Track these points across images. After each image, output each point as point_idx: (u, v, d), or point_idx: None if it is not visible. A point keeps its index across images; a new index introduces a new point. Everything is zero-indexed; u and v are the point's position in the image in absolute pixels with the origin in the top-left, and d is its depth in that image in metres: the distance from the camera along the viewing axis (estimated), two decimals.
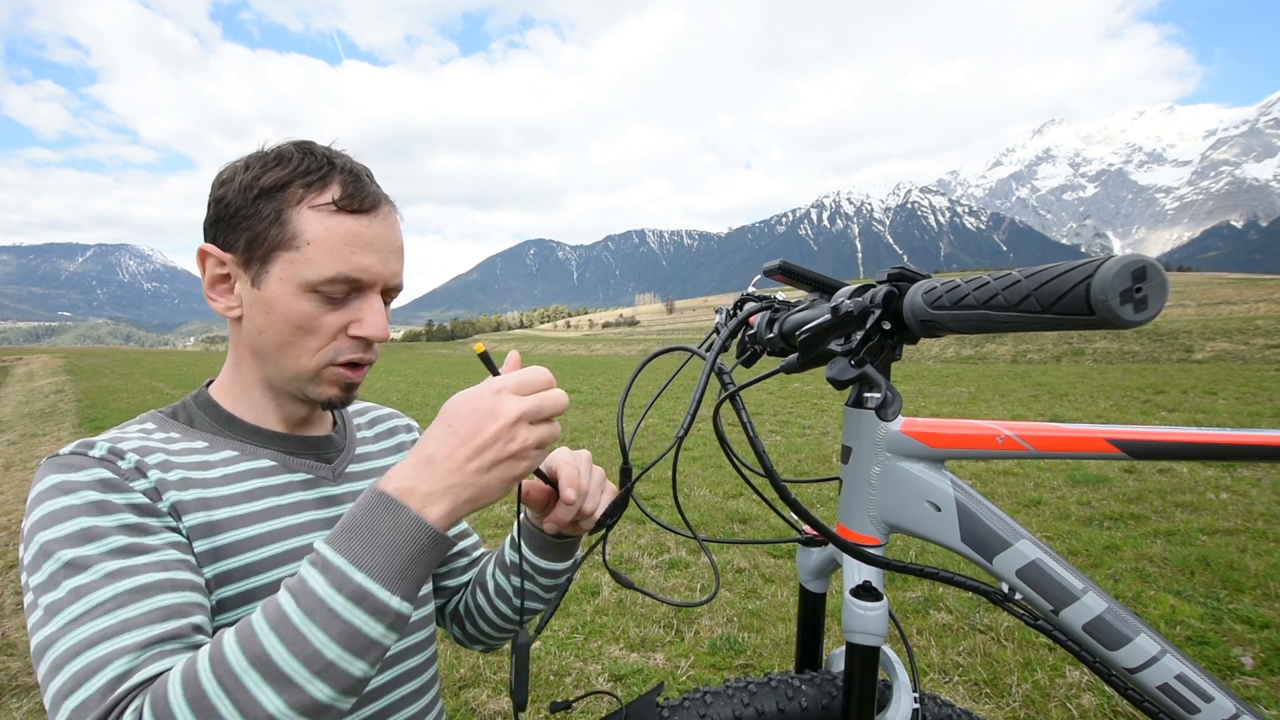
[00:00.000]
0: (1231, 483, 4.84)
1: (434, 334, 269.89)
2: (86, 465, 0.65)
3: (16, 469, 7.05)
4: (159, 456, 0.71)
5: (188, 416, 0.79)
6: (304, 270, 0.72)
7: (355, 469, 0.87)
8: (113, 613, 0.57)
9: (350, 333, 0.75)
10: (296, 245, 0.72)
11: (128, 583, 0.59)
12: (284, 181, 0.72)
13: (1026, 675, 2.47)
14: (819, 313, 0.67)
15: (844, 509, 0.72)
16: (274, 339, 0.74)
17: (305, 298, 0.72)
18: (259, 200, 0.72)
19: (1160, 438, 0.65)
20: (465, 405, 0.60)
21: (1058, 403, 9.48)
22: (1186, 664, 0.65)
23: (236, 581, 0.70)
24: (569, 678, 2.60)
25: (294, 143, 0.77)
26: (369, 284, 0.75)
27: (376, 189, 0.77)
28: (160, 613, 0.58)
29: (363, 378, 0.80)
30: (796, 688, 0.78)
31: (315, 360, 0.75)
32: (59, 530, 0.61)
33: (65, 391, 16.49)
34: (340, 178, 0.74)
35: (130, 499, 0.65)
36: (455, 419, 0.60)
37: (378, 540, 0.55)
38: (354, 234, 0.73)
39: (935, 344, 22.21)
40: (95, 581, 0.58)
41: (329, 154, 0.76)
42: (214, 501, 0.71)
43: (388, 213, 0.77)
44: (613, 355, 39.03)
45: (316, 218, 0.72)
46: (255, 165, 0.74)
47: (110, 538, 0.61)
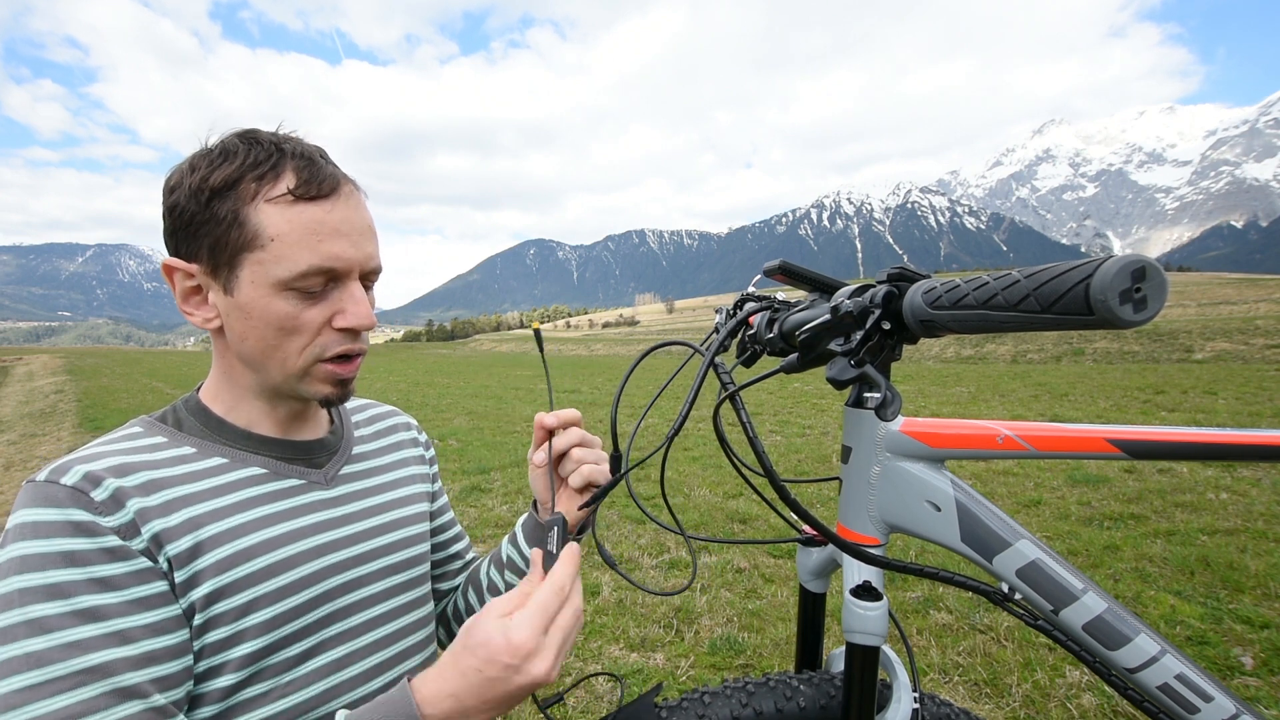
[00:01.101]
0: (1231, 483, 4.84)
1: (434, 334, 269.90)
2: (60, 500, 0.63)
3: (16, 469, 7.05)
4: (142, 476, 0.68)
5: (176, 420, 0.77)
6: (273, 269, 0.68)
7: (350, 470, 0.86)
8: (69, 693, 0.57)
9: (335, 325, 0.73)
10: (260, 244, 0.68)
11: (85, 660, 0.59)
12: (234, 178, 0.68)
13: (1026, 675, 2.46)
14: (819, 313, 0.67)
15: (844, 509, 0.72)
16: (257, 344, 0.72)
17: (281, 297, 0.69)
18: (212, 202, 0.68)
19: (1160, 438, 0.65)
20: (502, 659, 0.59)
21: (1058, 403, 9.48)
22: (1186, 664, 0.65)
23: (232, 596, 0.69)
24: (569, 678, 2.60)
25: (237, 133, 0.72)
26: (344, 271, 0.72)
27: (334, 169, 0.73)
28: (116, 695, 0.59)
29: (355, 371, 0.78)
30: (795, 688, 0.78)
31: (303, 359, 0.73)
32: (27, 580, 0.60)
33: (65, 391, 16.49)
34: (292, 164, 0.70)
35: (102, 543, 0.63)
36: (490, 669, 0.59)
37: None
38: (318, 221, 0.69)
39: (935, 344, 22.21)
40: (53, 651, 0.58)
41: (276, 140, 0.72)
42: (203, 518, 0.69)
43: (349, 192, 0.73)
44: (613, 355, 39.02)
45: (275, 211, 0.68)
46: (201, 165, 0.69)
47: (76, 597, 0.60)
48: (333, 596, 0.77)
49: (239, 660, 0.69)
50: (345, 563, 0.79)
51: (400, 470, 0.92)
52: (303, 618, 0.74)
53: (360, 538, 0.81)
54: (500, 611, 0.61)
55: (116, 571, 0.63)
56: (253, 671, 0.70)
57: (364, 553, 0.81)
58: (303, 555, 0.75)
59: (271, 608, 0.71)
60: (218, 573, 0.68)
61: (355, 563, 0.80)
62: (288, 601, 0.72)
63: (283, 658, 0.72)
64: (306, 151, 0.72)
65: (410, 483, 0.93)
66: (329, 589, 0.77)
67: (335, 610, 0.77)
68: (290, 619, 0.73)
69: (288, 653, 0.73)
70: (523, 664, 0.59)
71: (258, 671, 0.71)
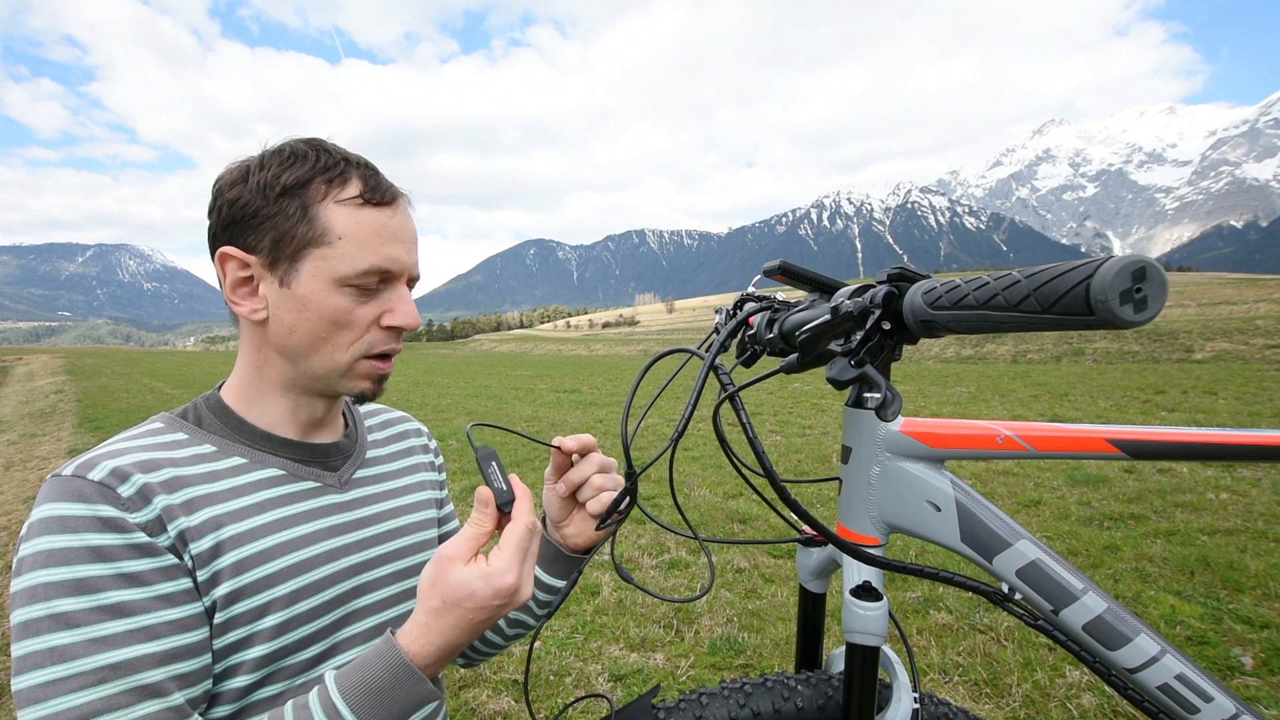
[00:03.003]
0: (1231, 483, 4.84)
1: (434, 334, 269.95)
2: (88, 495, 0.64)
3: (16, 469, 7.05)
4: (166, 473, 0.69)
5: (197, 418, 0.78)
6: (337, 265, 0.72)
7: (364, 474, 0.87)
8: (93, 689, 0.58)
9: (383, 323, 0.77)
10: (328, 241, 0.72)
11: (109, 656, 0.59)
12: (305, 179, 0.72)
13: (1026, 675, 2.47)
14: (819, 313, 0.67)
15: (844, 509, 0.72)
16: (307, 336, 0.74)
17: (340, 292, 0.73)
18: (282, 199, 0.72)
19: (1160, 438, 0.65)
20: (487, 589, 0.63)
21: (1058, 403, 9.48)
22: (1186, 664, 0.65)
23: (249, 597, 0.69)
24: (569, 678, 2.60)
25: (303, 140, 0.77)
26: (397, 274, 0.76)
27: (391, 182, 0.79)
28: (138, 693, 0.60)
29: (392, 369, 0.81)
30: (792, 688, 0.78)
31: (350, 354, 0.76)
32: (54, 574, 0.60)
33: (65, 391, 16.49)
34: (359, 172, 0.75)
35: (130, 540, 0.63)
36: (472, 601, 0.63)
37: (391, 707, 0.61)
38: (381, 226, 0.74)
39: (935, 344, 22.22)
40: (78, 646, 0.58)
41: (340, 150, 0.77)
42: (224, 519, 0.70)
43: (404, 204, 0.79)
44: (613, 355, 39.04)
45: (344, 212, 0.73)
46: (272, 163, 0.73)
47: (104, 593, 0.61)
48: (346, 600, 0.78)
49: (254, 661, 0.70)
50: (359, 566, 0.80)
51: (411, 476, 0.93)
52: (317, 620, 0.75)
53: (373, 542, 0.82)
54: (461, 557, 0.64)
55: (144, 567, 0.63)
56: (268, 672, 0.71)
57: (376, 556, 0.82)
58: (319, 558, 0.76)
59: (287, 610, 0.72)
60: (236, 573, 0.69)
61: (368, 566, 0.81)
62: (303, 604, 0.73)
63: (297, 660, 0.73)
64: (368, 163, 0.77)
65: (421, 489, 0.94)
66: (343, 592, 0.77)
67: (349, 613, 0.78)
68: (305, 621, 0.73)
69: (302, 655, 0.74)
70: (510, 599, 0.64)
71: (272, 673, 0.71)
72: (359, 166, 0.76)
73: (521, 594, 0.65)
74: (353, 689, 0.61)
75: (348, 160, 0.75)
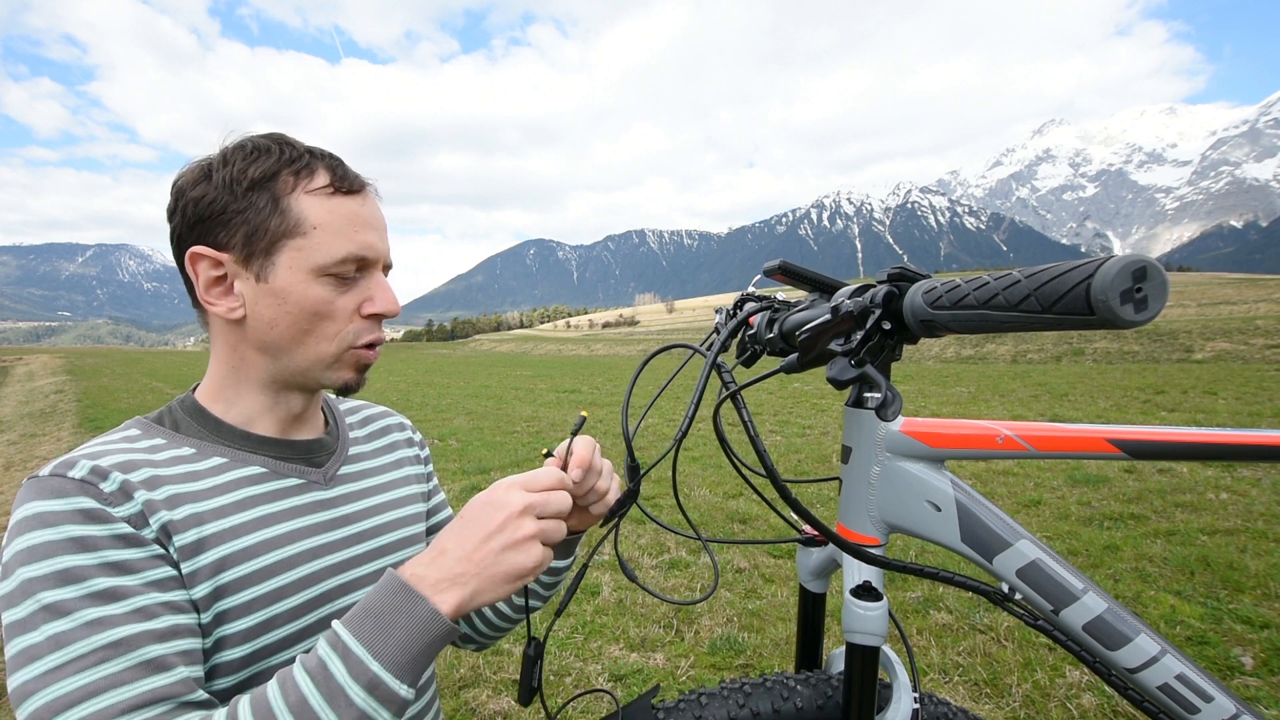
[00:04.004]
0: (1231, 483, 4.84)
1: (434, 334, 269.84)
2: (67, 491, 0.62)
3: (16, 469, 7.05)
4: (145, 472, 0.68)
5: (173, 421, 0.77)
6: (314, 255, 0.72)
7: (348, 470, 0.86)
8: (94, 669, 0.56)
9: (364, 312, 0.77)
10: (302, 231, 0.72)
11: (108, 635, 0.58)
12: (273, 171, 0.72)
13: (1026, 675, 2.46)
14: (819, 313, 0.67)
15: (844, 509, 0.72)
16: (289, 330, 0.74)
17: (319, 283, 0.73)
18: (250, 192, 0.71)
19: (1160, 438, 0.65)
20: (478, 501, 0.65)
21: (1058, 403, 9.48)
22: (1186, 664, 0.65)
23: (234, 594, 0.68)
24: (569, 678, 2.60)
25: (264, 135, 0.76)
26: (374, 261, 0.77)
27: (357, 172, 0.79)
28: (142, 669, 0.58)
29: (376, 358, 0.81)
30: (792, 688, 0.78)
31: (335, 345, 0.76)
32: (38, 568, 0.59)
33: (65, 391, 16.49)
34: (324, 163, 0.75)
35: (113, 530, 0.62)
36: (468, 512, 0.64)
37: (394, 630, 0.58)
38: (353, 214, 0.75)
39: (935, 344, 22.21)
40: (75, 630, 0.57)
41: (303, 144, 0.77)
42: (206, 515, 0.69)
43: (371, 193, 0.79)
44: (613, 355, 39.03)
45: (316, 202, 0.73)
46: (235, 159, 0.73)
47: (91, 580, 0.59)
48: (331, 598, 0.77)
49: (238, 661, 0.69)
50: (344, 564, 0.79)
51: (396, 471, 0.92)
52: (301, 618, 0.74)
53: (358, 538, 0.81)
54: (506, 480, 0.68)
55: (131, 556, 0.62)
56: (253, 673, 0.70)
57: (362, 553, 0.81)
58: (302, 555, 0.75)
59: (270, 608, 0.71)
60: (219, 570, 0.68)
61: (353, 564, 0.80)
62: (286, 602, 0.72)
63: (280, 658, 0.72)
64: (332, 154, 0.77)
65: (406, 483, 0.93)
66: (327, 590, 0.76)
67: (333, 611, 0.77)
68: (289, 619, 0.72)
69: (286, 653, 0.73)
70: (506, 517, 0.64)
71: (258, 673, 0.70)
72: (323, 158, 0.76)
73: (511, 500, 0.64)
74: (352, 615, 0.60)
75: (311, 152, 0.75)
